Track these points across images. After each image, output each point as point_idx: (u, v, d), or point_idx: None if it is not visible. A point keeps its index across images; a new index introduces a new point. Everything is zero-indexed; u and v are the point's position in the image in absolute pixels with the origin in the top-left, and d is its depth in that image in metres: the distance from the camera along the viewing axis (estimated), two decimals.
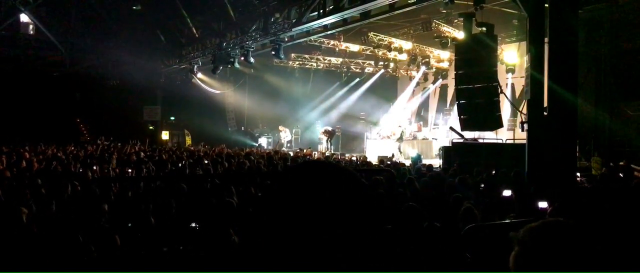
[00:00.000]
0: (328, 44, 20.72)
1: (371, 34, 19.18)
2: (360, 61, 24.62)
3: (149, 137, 21.32)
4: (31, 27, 22.23)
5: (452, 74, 16.92)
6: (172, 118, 27.85)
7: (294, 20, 14.99)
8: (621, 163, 11.89)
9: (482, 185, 8.51)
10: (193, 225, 5.01)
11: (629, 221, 4.80)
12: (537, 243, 1.18)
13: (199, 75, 23.61)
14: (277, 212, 1.04)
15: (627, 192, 7.92)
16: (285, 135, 24.68)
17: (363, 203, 1.06)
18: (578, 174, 10.11)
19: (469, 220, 4.76)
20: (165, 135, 26.79)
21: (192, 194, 7.04)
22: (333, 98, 26.46)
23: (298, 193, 1.03)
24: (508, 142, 15.87)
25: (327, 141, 22.10)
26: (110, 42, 22.21)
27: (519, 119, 12.32)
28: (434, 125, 24.30)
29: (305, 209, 1.01)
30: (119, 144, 17.34)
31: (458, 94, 11.92)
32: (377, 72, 25.11)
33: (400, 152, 19.31)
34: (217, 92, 26.28)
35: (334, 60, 24.18)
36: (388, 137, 21.18)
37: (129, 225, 5.26)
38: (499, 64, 14.43)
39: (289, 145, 24.26)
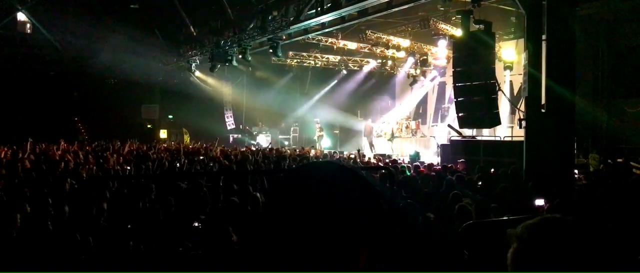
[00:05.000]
0: (326, 41, 20.69)
1: (369, 32, 19.16)
2: (358, 59, 24.61)
3: (148, 137, 21.32)
4: (28, 26, 22.17)
5: (450, 72, 16.92)
6: (170, 116, 27.83)
7: (291, 18, 14.96)
8: (619, 160, 11.93)
9: (480, 183, 8.54)
10: (196, 224, 5.02)
11: (627, 218, 4.82)
12: (536, 240, 1.18)
13: (197, 73, 23.57)
14: (282, 212, 0.96)
15: (626, 189, 7.95)
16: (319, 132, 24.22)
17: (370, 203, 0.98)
18: (576, 171, 10.14)
19: (465, 218, 4.78)
20: (163, 134, 26.77)
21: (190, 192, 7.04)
22: (331, 96, 26.44)
23: (301, 195, 0.96)
24: (506, 139, 15.88)
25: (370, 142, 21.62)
26: (107, 41, 22.16)
27: (517, 116, 12.34)
28: (433, 122, 24.30)
29: (308, 210, 0.93)
30: (119, 142, 17.35)
31: (456, 92, 11.92)
32: (375, 69, 25.10)
33: (392, 150, 19.31)
34: (215, 90, 26.26)
35: (331, 58, 24.15)
36: (385, 134, 21.20)
37: (128, 223, 5.26)
38: (496, 61, 14.43)
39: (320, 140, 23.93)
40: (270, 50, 16.88)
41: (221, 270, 3.86)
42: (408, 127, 22.50)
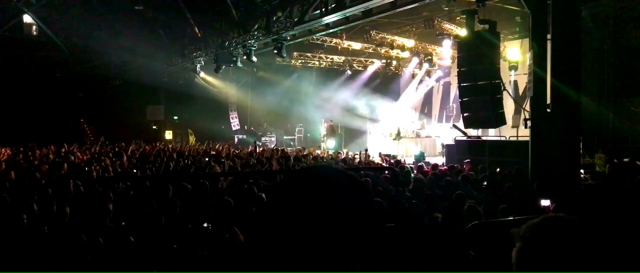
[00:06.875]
0: (330, 42, 20.71)
1: (373, 32, 19.16)
2: (362, 59, 24.62)
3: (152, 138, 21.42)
4: (34, 27, 22.27)
5: (455, 71, 16.89)
6: (176, 117, 27.92)
7: (296, 19, 14.97)
8: (625, 160, 11.85)
9: (485, 183, 8.52)
10: (205, 225, 5.04)
11: (633, 217, 4.80)
12: (539, 239, 1.18)
13: (202, 74, 23.64)
14: (282, 214, 1.01)
15: (632, 189, 7.91)
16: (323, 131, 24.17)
17: (365, 206, 1.03)
18: (582, 171, 10.08)
19: (473, 219, 4.77)
20: (168, 135, 26.86)
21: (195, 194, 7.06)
22: (336, 96, 26.44)
23: (300, 198, 1.01)
24: (511, 139, 15.81)
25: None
26: (112, 42, 22.24)
27: (522, 116, 12.30)
28: (438, 122, 24.26)
29: (307, 213, 0.99)
30: (123, 144, 17.44)
31: (461, 92, 11.90)
32: (379, 69, 25.10)
33: (397, 151, 19.29)
34: (220, 91, 26.31)
35: (336, 58, 24.17)
36: (391, 134, 21.18)
37: (132, 224, 5.28)
38: (501, 61, 14.38)
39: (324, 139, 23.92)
40: (275, 51, 16.89)
41: (227, 270, 3.87)
42: (413, 127, 22.49)
